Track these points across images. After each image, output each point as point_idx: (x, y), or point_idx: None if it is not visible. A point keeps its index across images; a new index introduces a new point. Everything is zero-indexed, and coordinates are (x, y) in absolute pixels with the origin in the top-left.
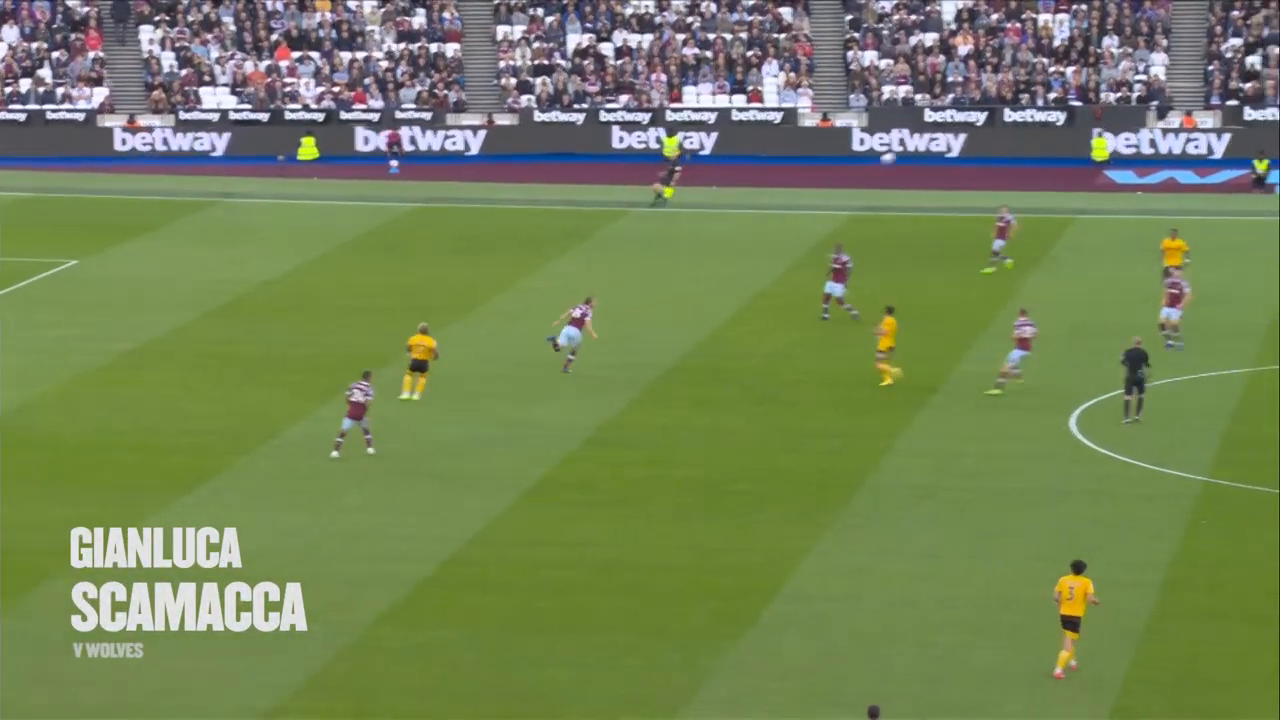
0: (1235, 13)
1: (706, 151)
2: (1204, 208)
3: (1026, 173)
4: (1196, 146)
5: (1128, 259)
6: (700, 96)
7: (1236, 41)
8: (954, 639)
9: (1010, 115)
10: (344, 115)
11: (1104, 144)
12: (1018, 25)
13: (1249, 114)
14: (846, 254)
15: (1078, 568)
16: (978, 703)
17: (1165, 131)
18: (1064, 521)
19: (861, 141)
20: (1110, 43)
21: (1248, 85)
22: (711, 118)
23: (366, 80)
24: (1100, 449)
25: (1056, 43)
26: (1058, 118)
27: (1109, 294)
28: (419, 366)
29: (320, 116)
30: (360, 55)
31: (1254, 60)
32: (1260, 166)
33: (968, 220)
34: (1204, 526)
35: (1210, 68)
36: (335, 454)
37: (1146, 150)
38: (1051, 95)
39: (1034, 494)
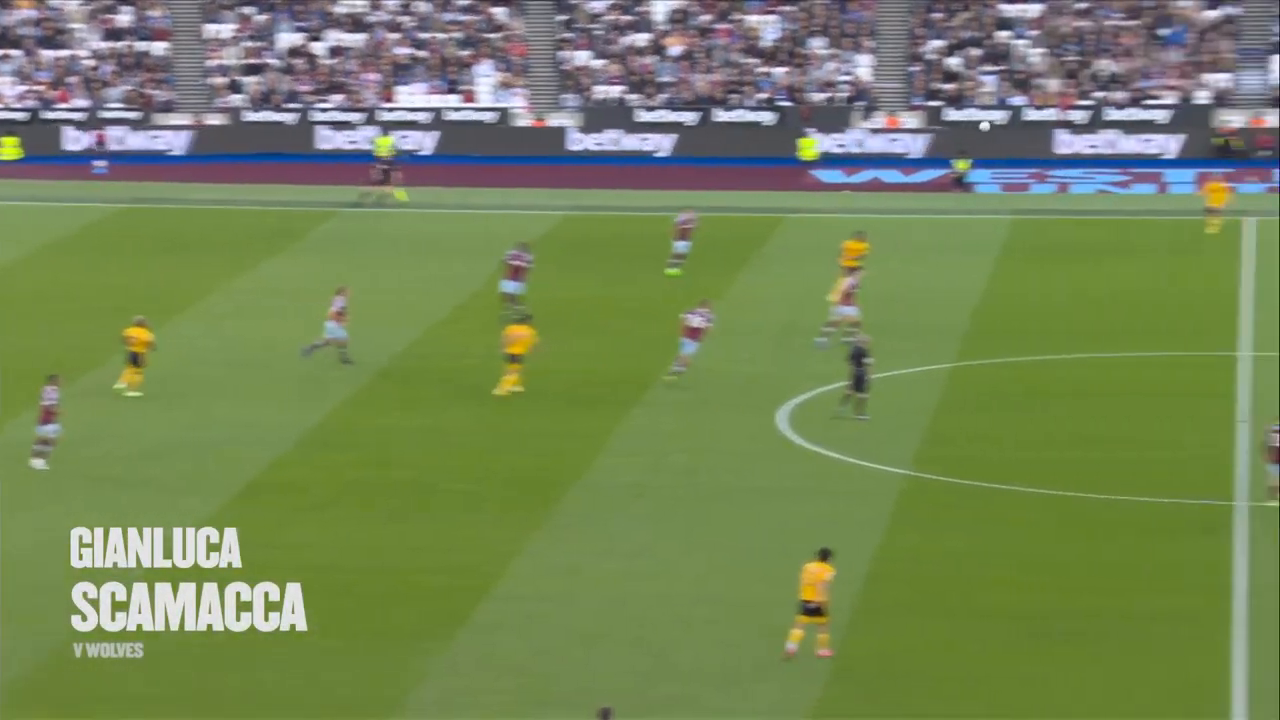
0: (937, 15)
1: (427, 152)
2: (907, 206)
3: (737, 172)
4: (900, 146)
5: (835, 258)
6: (414, 96)
7: (938, 43)
8: (665, 636)
9: (721, 115)
10: (48, 114)
11: (812, 144)
12: (728, 26)
13: (950, 114)
14: (528, 253)
15: (823, 554)
16: (688, 698)
17: (871, 132)
18: (774, 518)
19: (576, 141)
20: (817, 44)
21: (949, 86)
22: (426, 118)
23: (71, 79)
24: (809, 445)
25: (765, 44)
26: (767, 118)
27: (818, 292)
28: (135, 360)
29: (23, 116)
30: (64, 53)
31: (954, 62)
32: (960, 166)
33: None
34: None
35: (913, 69)
36: (38, 463)
37: (854, 150)
38: (761, 96)
39: (745, 491)
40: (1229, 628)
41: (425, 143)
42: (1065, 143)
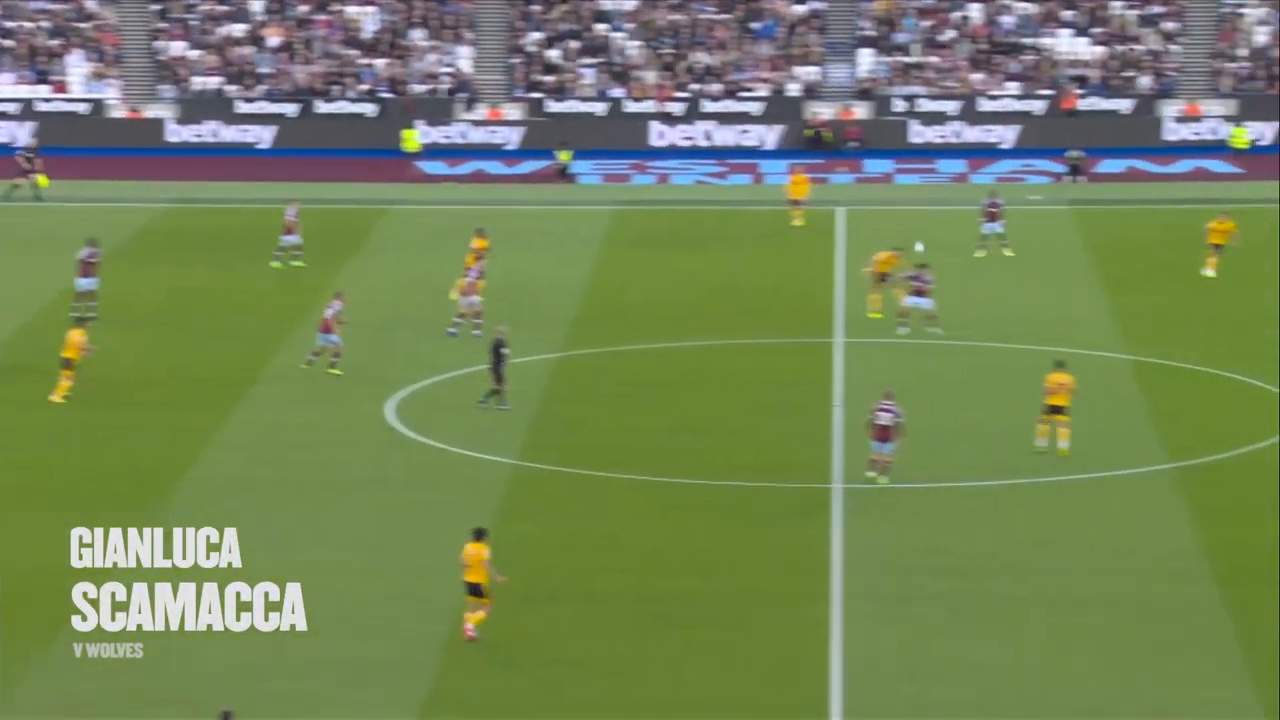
0: (535, 7)
1: (21, 144)
2: (511, 197)
3: (340, 164)
4: (501, 138)
5: (441, 249)
6: (2, 87)
7: (538, 36)
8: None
9: (322, 107)
10: None
11: (414, 135)
12: (327, 18)
13: (551, 106)
14: (97, 249)
15: (478, 534)
16: (304, 694)
17: (474, 123)
18: (384, 509)
19: (174, 133)
20: (418, 36)
21: (549, 78)
22: (16, 108)
23: None
24: (417, 436)
25: (366, 35)
26: (369, 109)
27: (424, 283)
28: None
29: None
30: None
31: (554, 54)
32: (563, 157)
33: (278, 212)
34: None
35: (513, 61)
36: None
37: (457, 141)
38: (362, 87)
39: (353, 483)
40: (827, 607)
41: (19, 134)
42: (663, 134)
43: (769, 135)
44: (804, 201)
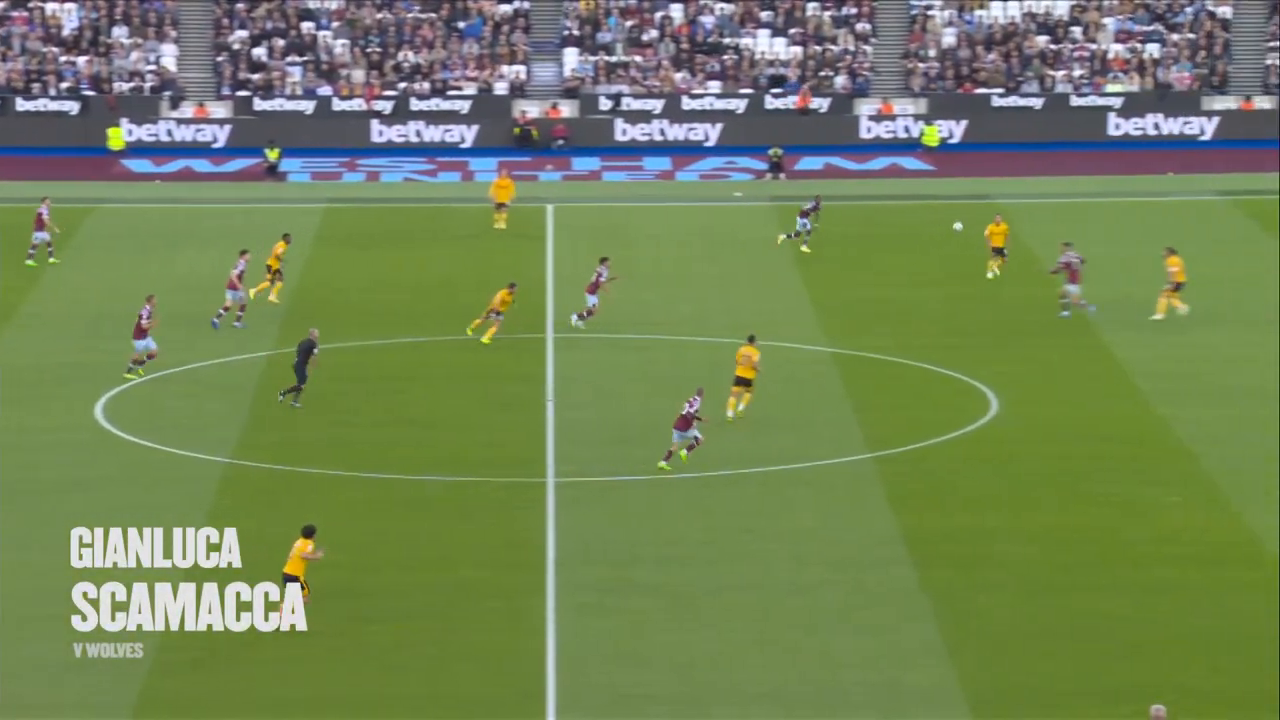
0: (240, 5)
1: None
2: (220, 195)
3: (43, 162)
4: (208, 136)
5: (148, 247)
6: None
7: (243, 34)
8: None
9: (23, 105)
10: None
11: (120, 133)
12: (25, 14)
13: (259, 104)
14: None
15: (307, 531)
16: (7, 695)
17: (180, 121)
18: (94, 509)
19: None
20: (120, 33)
21: (256, 76)
22: None
23: None
24: (128, 435)
25: (66, 32)
26: (72, 107)
27: (131, 282)
28: None
29: None
30: None
31: (260, 52)
32: (271, 155)
33: None
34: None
35: (219, 59)
36: None
37: (163, 139)
38: (64, 85)
39: (63, 483)
40: (542, 600)
41: None
42: (373, 132)
43: (474, 133)
44: (508, 205)
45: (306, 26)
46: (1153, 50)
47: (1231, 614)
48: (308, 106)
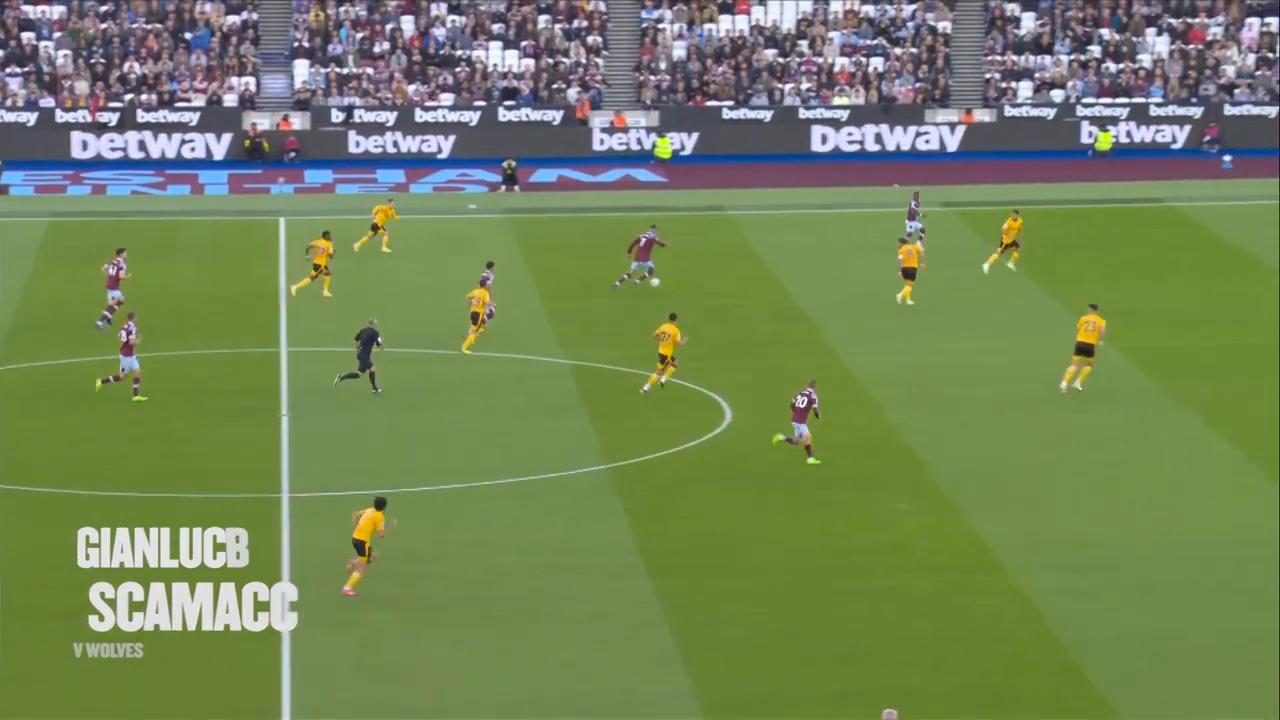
0: None
1: None
2: None
3: None
4: None
5: None
6: None
7: None
8: None
9: None
10: None
11: None
12: None
13: None
14: None
15: (379, 503)
16: None
17: None
18: None
19: None
20: None
21: None
22: None
23: None
24: None
25: None
26: None
27: None
28: None
29: None
30: None
31: None
32: None
33: None
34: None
35: None
36: None
37: None
38: None
39: None
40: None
41: None
42: (97, 145)
43: (205, 145)
44: (384, 228)
45: (27, 37)
46: (877, 64)
47: (959, 618)
48: (29, 118)
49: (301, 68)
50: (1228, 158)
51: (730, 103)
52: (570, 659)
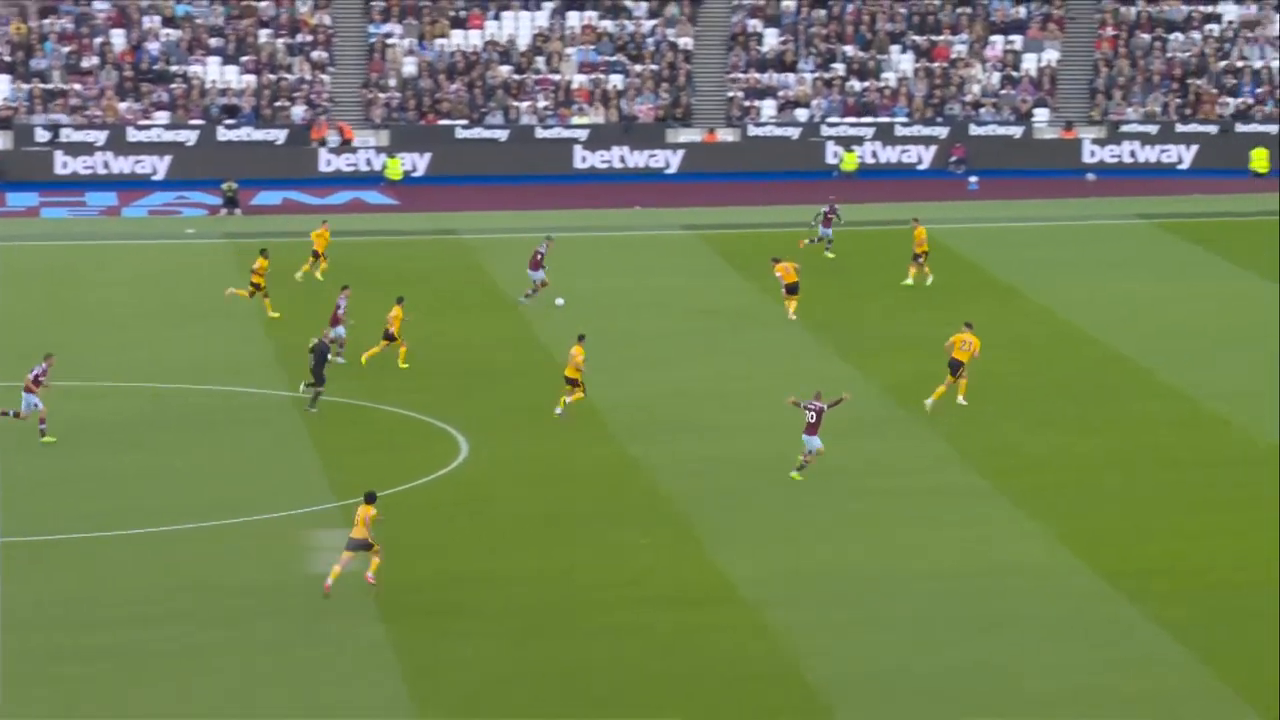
0: None
1: None
2: None
3: None
4: None
5: None
6: None
7: None
8: None
9: None
10: None
11: None
12: None
13: None
14: None
15: (369, 498)
16: None
17: None
18: None
19: None
20: None
21: None
22: None
23: None
24: None
25: None
26: None
27: None
28: None
29: None
30: None
31: None
32: None
33: None
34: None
35: None
36: None
37: None
38: None
39: None
40: None
41: None
42: None
43: None
44: (323, 254)
45: None
46: (617, 81)
47: (702, 656)
48: None
49: (2, 83)
50: (974, 178)
51: (464, 122)
52: (297, 706)
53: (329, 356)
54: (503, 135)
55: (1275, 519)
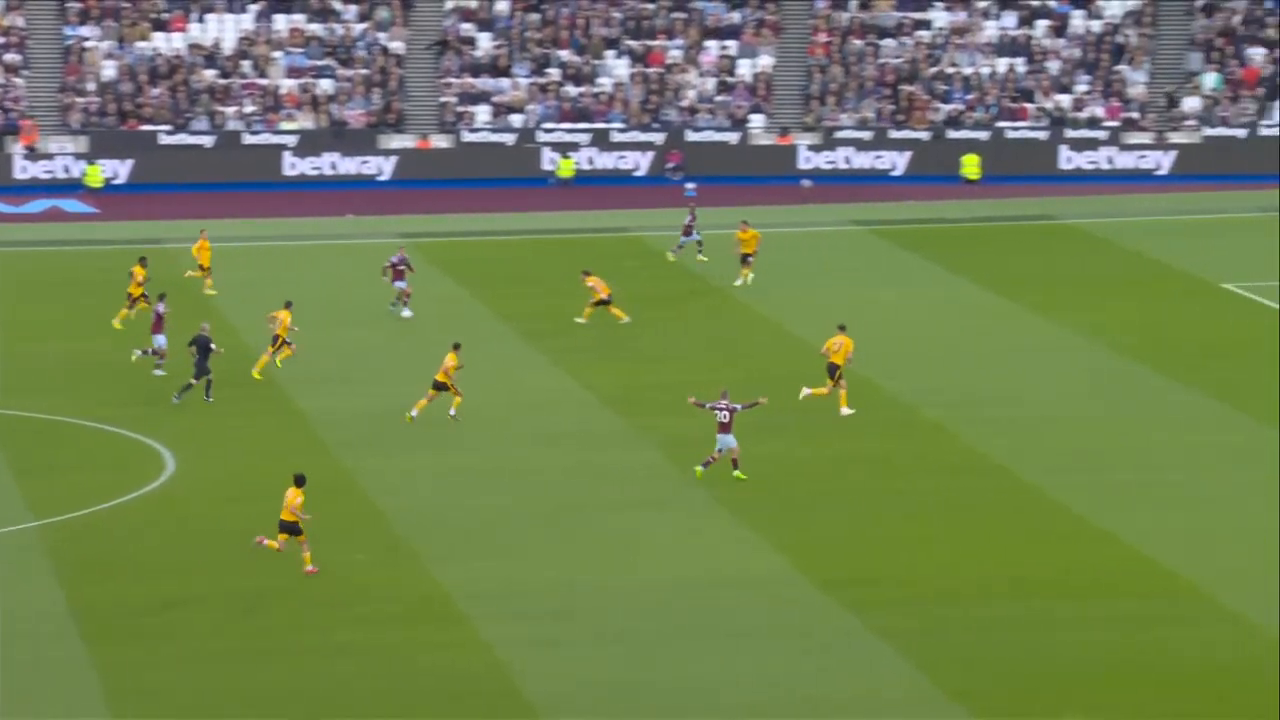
0: None
1: None
2: None
3: None
4: None
5: None
6: None
7: None
8: None
9: None
10: None
11: None
12: None
13: None
14: None
15: (298, 480)
16: None
17: None
18: None
19: None
20: None
21: None
22: None
23: None
24: None
25: None
26: None
27: None
28: None
29: None
30: None
31: None
32: None
33: None
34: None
35: None
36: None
37: None
38: None
39: None
40: None
41: None
42: None
43: None
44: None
45: None
46: (327, 86)
47: (422, 672)
48: None
49: None
50: (691, 185)
51: (167, 127)
52: None
53: (210, 347)
54: (208, 141)
55: (989, 527)
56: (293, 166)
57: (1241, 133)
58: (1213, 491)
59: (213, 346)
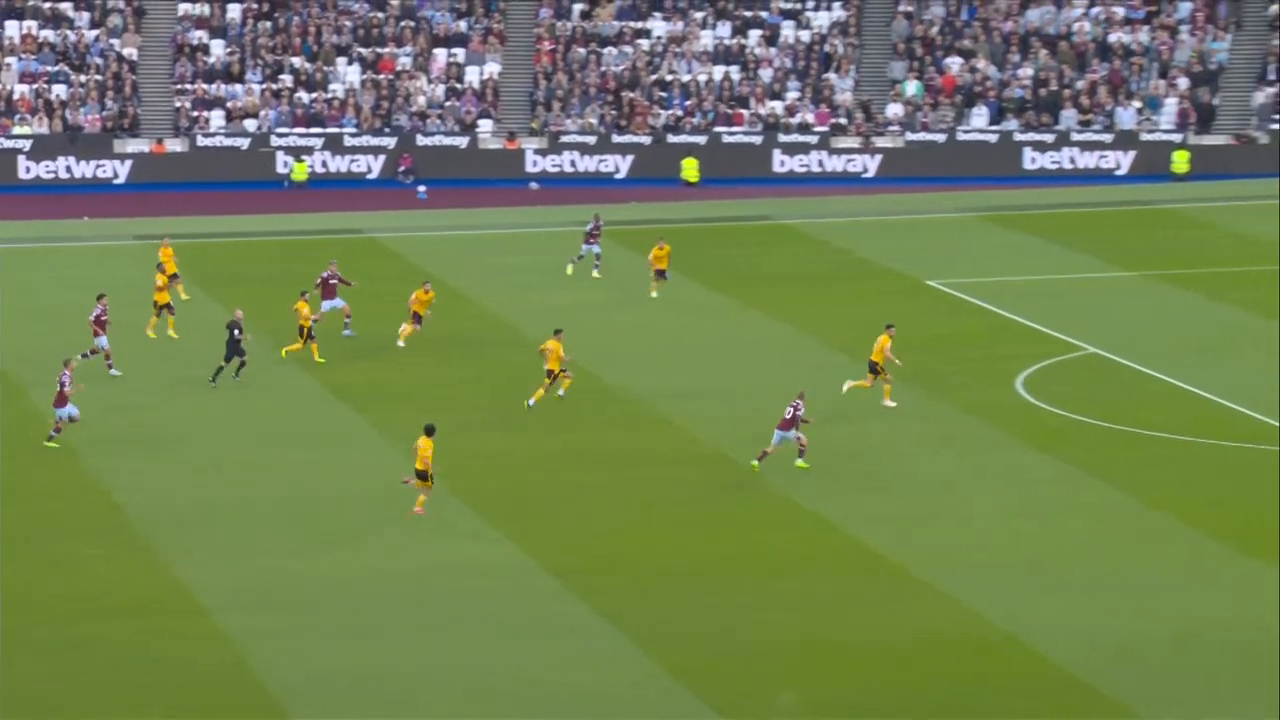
0: None
1: None
2: None
3: None
4: None
5: None
6: None
7: None
8: None
9: None
10: None
11: None
12: None
13: None
14: None
15: (428, 430)
16: None
17: None
18: None
19: None
20: None
21: None
22: None
23: None
24: None
25: None
26: None
27: None
28: None
29: None
30: None
31: None
32: None
33: None
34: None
35: None
36: None
37: None
38: None
39: None
40: None
41: None
42: None
43: None
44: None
45: None
46: (60, 91)
47: (160, 665)
48: None
49: None
50: (422, 188)
51: None
52: None
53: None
54: None
55: (712, 512)
56: (28, 170)
57: (941, 137)
58: (923, 477)
59: (238, 334)
